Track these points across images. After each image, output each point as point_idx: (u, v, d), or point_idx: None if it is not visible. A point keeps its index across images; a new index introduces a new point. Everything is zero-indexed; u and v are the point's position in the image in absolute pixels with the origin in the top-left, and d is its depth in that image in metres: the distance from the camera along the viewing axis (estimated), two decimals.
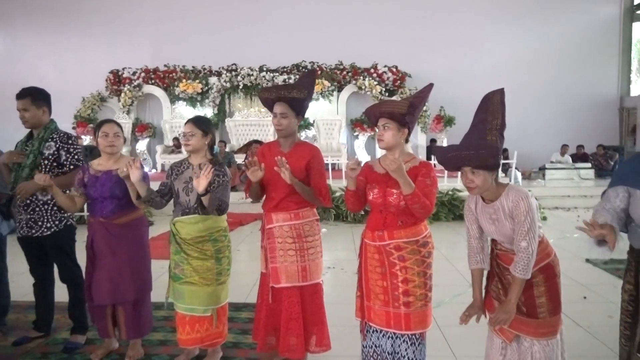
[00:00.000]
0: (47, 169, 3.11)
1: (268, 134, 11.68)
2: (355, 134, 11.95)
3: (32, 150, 3.07)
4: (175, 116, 12.13)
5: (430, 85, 2.52)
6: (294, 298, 2.75)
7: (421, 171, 2.38)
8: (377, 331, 2.48)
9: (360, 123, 11.85)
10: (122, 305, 3.01)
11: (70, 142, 3.17)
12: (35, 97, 3.09)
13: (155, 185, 2.97)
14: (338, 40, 12.35)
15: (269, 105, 2.78)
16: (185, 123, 2.87)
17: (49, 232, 3.08)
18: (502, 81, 12.16)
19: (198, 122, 2.86)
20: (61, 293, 3.39)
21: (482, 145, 2.10)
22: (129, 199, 2.93)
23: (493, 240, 2.34)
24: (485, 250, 2.31)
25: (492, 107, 2.21)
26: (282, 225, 2.76)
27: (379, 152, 11.99)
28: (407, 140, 2.48)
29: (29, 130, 3.22)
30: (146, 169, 3.07)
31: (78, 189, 2.99)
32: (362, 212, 7.90)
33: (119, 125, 3.03)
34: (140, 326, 3.07)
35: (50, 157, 3.10)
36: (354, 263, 5.15)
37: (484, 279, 2.36)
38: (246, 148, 11.09)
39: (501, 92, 2.23)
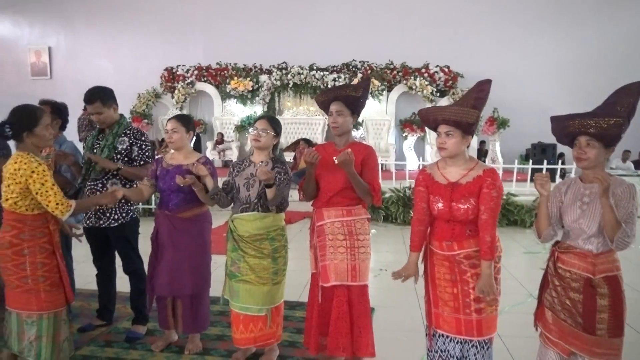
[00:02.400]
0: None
1: (316, 133, 11.71)
2: (404, 134, 11.80)
3: (106, 145, 3.17)
4: (226, 113, 12.34)
5: (489, 82, 2.33)
6: (342, 297, 2.72)
7: (486, 181, 2.27)
8: (443, 336, 2.42)
9: (410, 124, 11.69)
10: (180, 298, 3.07)
11: (143, 138, 3.27)
12: (104, 99, 3.16)
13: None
14: (389, 40, 12.22)
15: (325, 107, 2.79)
16: (259, 119, 2.90)
17: (116, 224, 3.17)
18: (559, 83, 11.79)
19: (272, 121, 2.89)
20: (122, 283, 3.49)
21: (608, 114, 2.03)
22: (195, 194, 2.97)
23: (555, 242, 2.25)
24: (555, 229, 2.23)
25: (627, 91, 2.11)
26: (334, 221, 2.73)
27: (428, 154, 11.80)
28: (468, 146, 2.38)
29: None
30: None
31: (150, 179, 3.08)
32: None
33: (180, 121, 3.07)
34: (197, 322, 3.11)
35: (123, 151, 3.19)
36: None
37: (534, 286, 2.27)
38: (294, 146, 11.15)
39: None
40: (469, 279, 2.32)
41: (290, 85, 11.90)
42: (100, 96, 3.16)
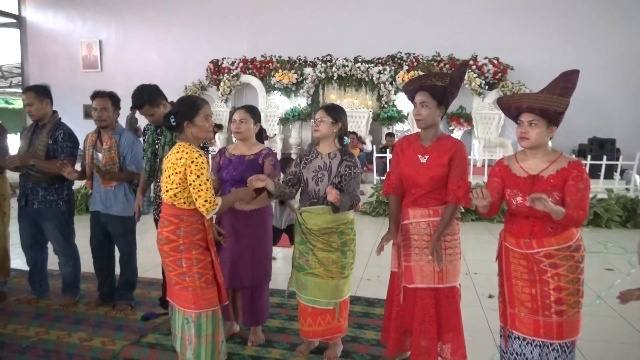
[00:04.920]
0: None
1: (360, 126, 11.60)
2: (451, 128, 11.53)
3: (166, 142, 3.19)
4: (270, 105, 12.37)
5: (576, 72, 2.20)
6: (428, 300, 2.60)
7: (571, 174, 2.15)
8: (519, 338, 2.31)
9: (457, 117, 11.42)
10: (240, 290, 3.07)
11: None
12: (151, 100, 3.22)
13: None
14: (435, 31, 11.93)
15: (412, 97, 2.65)
16: (319, 109, 2.87)
17: None
18: (616, 75, 11.19)
19: (329, 109, 2.84)
20: None
21: None
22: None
23: None
24: None
25: None
26: (420, 221, 2.61)
27: (475, 148, 11.49)
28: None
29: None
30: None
31: (215, 174, 3.07)
32: (463, 210, 7.62)
33: (249, 111, 3.04)
34: (257, 314, 3.11)
35: None
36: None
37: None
38: None
39: None
40: (549, 279, 2.21)
41: (334, 78, 11.81)
42: (146, 99, 3.20)
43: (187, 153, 2.35)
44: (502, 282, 2.39)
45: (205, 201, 2.37)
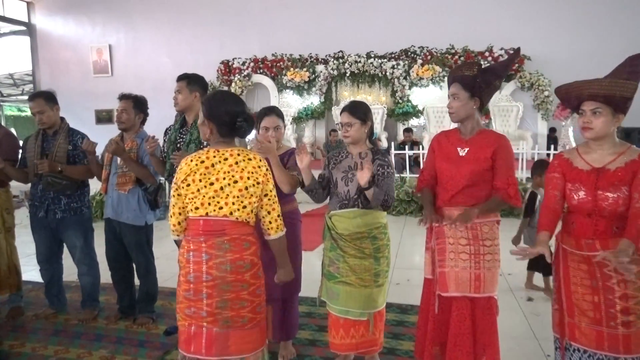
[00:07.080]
0: None
1: (375, 122, 11.28)
2: None
3: (192, 140, 3.03)
4: (282, 105, 12.18)
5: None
6: (465, 310, 2.37)
7: None
8: (579, 350, 2.10)
9: None
10: (270, 303, 2.89)
11: None
12: (190, 81, 3.09)
13: None
14: (449, 23, 11.67)
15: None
16: (341, 112, 2.65)
17: None
18: None
19: (354, 110, 2.60)
20: None
21: None
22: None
23: None
24: None
25: None
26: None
27: None
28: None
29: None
30: None
31: None
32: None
33: (280, 117, 2.87)
34: (287, 328, 2.93)
35: None
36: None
37: None
38: None
39: None
40: (614, 286, 2.00)
41: (347, 74, 11.61)
42: (188, 77, 3.14)
43: (260, 160, 2.02)
44: (559, 288, 2.18)
45: (278, 216, 2.06)
